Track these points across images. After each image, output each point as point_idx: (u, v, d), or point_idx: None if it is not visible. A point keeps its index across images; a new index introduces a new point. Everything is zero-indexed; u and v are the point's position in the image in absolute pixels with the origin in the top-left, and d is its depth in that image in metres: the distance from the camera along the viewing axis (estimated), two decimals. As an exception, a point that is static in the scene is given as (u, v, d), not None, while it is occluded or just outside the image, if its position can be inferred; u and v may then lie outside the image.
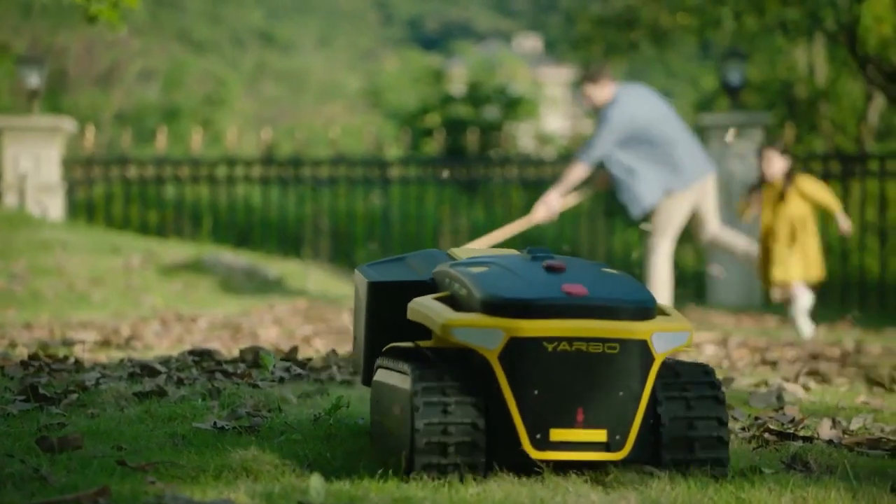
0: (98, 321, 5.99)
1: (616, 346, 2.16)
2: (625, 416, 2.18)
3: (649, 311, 2.21)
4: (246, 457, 2.32)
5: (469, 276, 2.26)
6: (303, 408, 2.98)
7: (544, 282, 2.21)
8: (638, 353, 2.18)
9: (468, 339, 2.15)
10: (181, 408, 2.88)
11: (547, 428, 2.15)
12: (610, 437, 2.18)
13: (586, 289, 2.19)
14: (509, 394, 2.15)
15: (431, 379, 2.18)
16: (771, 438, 2.68)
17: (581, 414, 2.16)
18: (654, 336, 2.18)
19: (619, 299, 2.19)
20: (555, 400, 2.15)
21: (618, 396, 2.17)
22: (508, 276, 2.24)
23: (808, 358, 4.89)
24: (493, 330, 2.14)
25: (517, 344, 2.14)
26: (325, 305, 7.43)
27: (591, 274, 2.29)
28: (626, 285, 2.27)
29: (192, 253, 9.20)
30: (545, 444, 2.16)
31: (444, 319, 2.17)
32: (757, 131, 9.52)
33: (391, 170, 10.92)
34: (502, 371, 2.15)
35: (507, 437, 2.16)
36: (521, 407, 2.15)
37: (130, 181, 10.86)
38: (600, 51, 13.77)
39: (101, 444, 2.44)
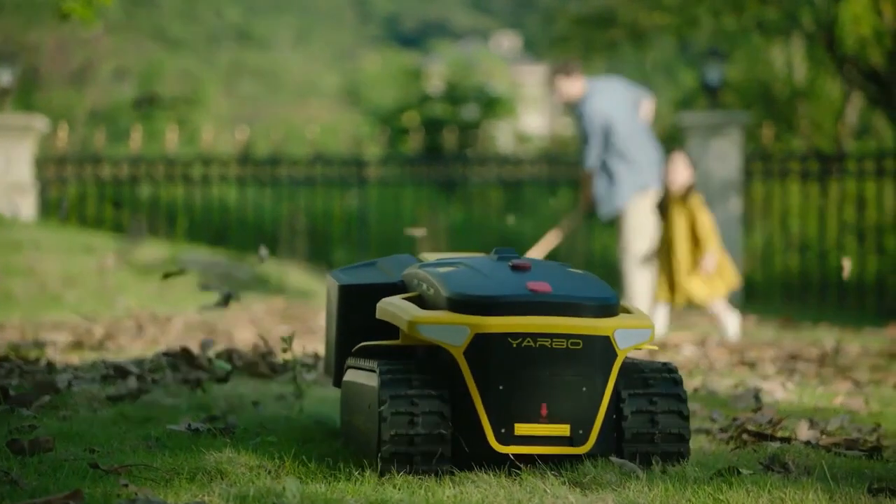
0: (71, 322, 5.95)
1: (579, 342, 2.22)
2: (588, 410, 2.23)
3: (612, 309, 2.27)
4: (220, 459, 2.31)
5: (436, 276, 2.31)
6: (279, 409, 2.97)
7: (510, 280, 2.27)
8: (601, 350, 2.23)
9: (434, 335, 2.20)
10: (155, 410, 2.86)
11: (511, 423, 2.20)
12: (573, 432, 2.23)
13: (550, 286, 2.25)
14: (474, 389, 2.20)
15: (398, 373, 2.22)
16: (749, 439, 2.69)
17: (545, 409, 2.21)
18: (617, 333, 2.24)
19: (583, 297, 2.25)
20: (519, 395, 2.20)
21: (581, 392, 2.23)
22: (474, 275, 2.30)
23: (786, 358, 4.91)
24: (458, 327, 2.19)
25: (482, 340, 2.19)
26: (301, 306, 7.42)
27: (556, 273, 2.35)
28: (589, 284, 2.33)
29: (167, 253, 9.16)
30: (510, 438, 2.20)
31: (411, 316, 2.22)
32: (736, 131, 9.57)
33: (369, 169, 10.91)
34: (468, 367, 2.20)
35: (472, 432, 2.20)
36: (485, 402, 2.20)
37: (104, 180, 10.80)
38: (579, 49, 13.80)
39: (72, 446, 2.43)
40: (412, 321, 2.22)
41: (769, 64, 14.49)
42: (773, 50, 14.17)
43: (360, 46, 41.73)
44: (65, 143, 10.85)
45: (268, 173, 10.77)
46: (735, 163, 9.44)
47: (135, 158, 10.78)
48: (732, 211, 9.38)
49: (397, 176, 10.97)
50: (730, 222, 9.37)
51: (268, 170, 10.77)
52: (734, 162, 9.44)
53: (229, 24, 39.58)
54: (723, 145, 9.47)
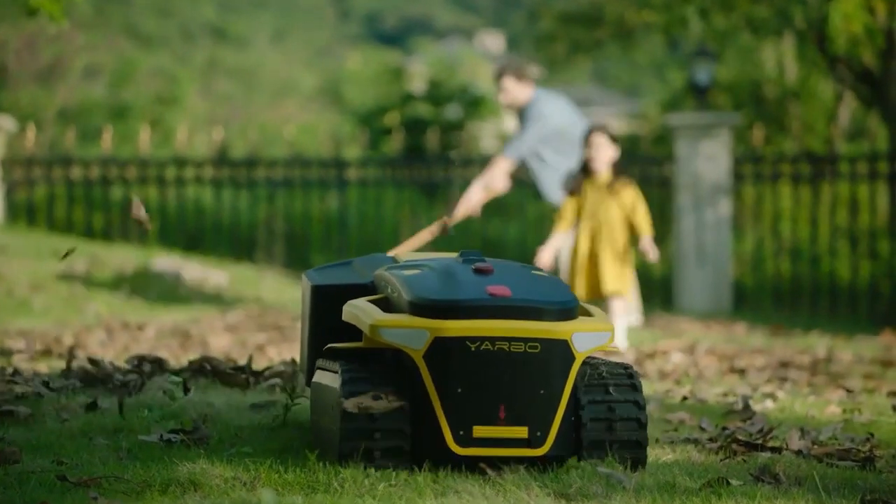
0: (39, 329, 5.92)
1: (537, 345, 2.30)
2: (546, 413, 2.32)
3: (571, 312, 2.36)
4: (194, 470, 2.30)
5: (400, 279, 2.41)
6: (255, 419, 2.97)
7: (470, 283, 2.36)
8: (559, 353, 2.32)
9: (395, 339, 2.30)
10: (126, 419, 2.85)
11: (470, 425, 2.30)
12: (531, 434, 2.32)
13: (510, 290, 2.34)
14: (433, 392, 2.29)
15: (359, 373, 2.33)
16: (739, 449, 2.70)
17: (503, 411, 2.30)
18: (575, 336, 2.33)
19: (542, 300, 2.34)
20: (478, 398, 2.29)
21: (539, 394, 2.31)
22: (437, 278, 2.39)
23: (777, 366, 4.93)
24: (418, 330, 2.29)
25: (441, 343, 2.28)
26: (279, 312, 7.40)
27: (518, 276, 2.44)
28: (550, 287, 2.41)
29: (140, 257, 9.12)
30: (468, 440, 2.30)
31: (373, 320, 2.32)
32: (725, 132, 9.61)
33: (349, 171, 10.89)
34: (427, 370, 2.29)
35: (431, 434, 2.30)
36: (444, 405, 2.29)
37: (74, 182, 10.75)
38: (564, 48, 13.83)
39: (40, 458, 2.41)
40: (373, 325, 2.31)
41: (760, 64, 14.56)
42: (764, 49, 14.23)
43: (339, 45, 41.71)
44: (33, 144, 10.79)
45: (244, 175, 10.75)
46: (725, 165, 9.48)
47: (106, 159, 10.74)
48: (722, 214, 9.41)
49: (378, 178, 10.96)
50: (719, 226, 9.41)
51: (244, 171, 10.75)
52: (724, 164, 9.47)
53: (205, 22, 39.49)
54: (712, 147, 9.51)
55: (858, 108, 13.13)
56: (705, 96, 10.31)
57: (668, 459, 2.63)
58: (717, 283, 9.31)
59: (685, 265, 9.38)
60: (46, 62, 18.42)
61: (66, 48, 18.81)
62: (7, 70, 17.77)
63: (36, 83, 18.46)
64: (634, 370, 2.47)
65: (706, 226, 9.40)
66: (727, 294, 9.33)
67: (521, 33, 32.79)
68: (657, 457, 2.66)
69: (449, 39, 35.99)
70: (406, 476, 2.31)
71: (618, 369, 2.45)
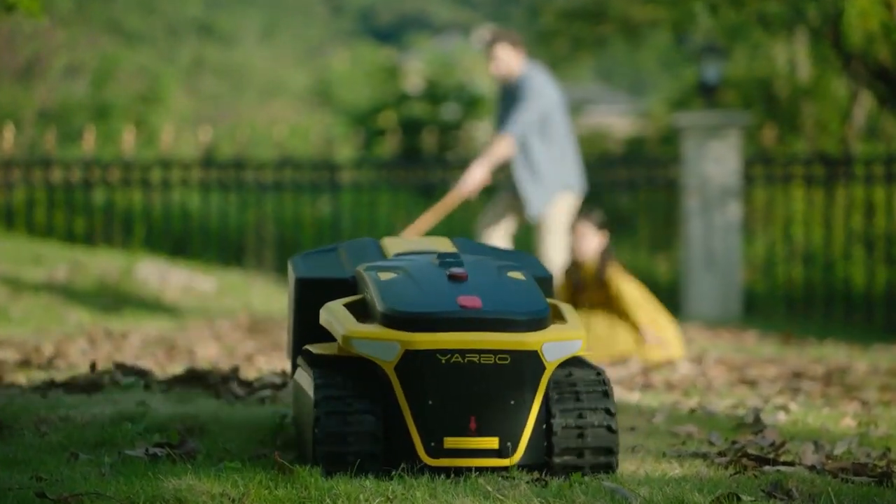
0: (17, 338, 5.91)
1: (507, 357, 2.40)
2: (516, 423, 2.43)
3: (542, 322, 2.46)
4: (180, 487, 2.30)
5: (375, 284, 2.52)
6: (244, 432, 2.96)
7: (442, 294, 2.46)
8: (529, 364, 2.42)
9: (366, 350, 2.41)
10: (109, 433, 2.84)
11: (441, 436, 2.41)
12: (501, 444, 2.43)
13: (481, 301, 2.44)
14: (405, 403, 2.41)
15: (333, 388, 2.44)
16: (749, 464, 2.69)
17: (474, 422, 2.41)
18: (545, 346, 2.43)
19: (512, 311, 2.44)
20: (448, 409, 2.41)
21: (509, 405, 2.42)
22: (410, 286, 2.49)
23: (789, 377, 4.93)
24: (389, 343, 2.40)
25: (412, 356, 2.39)
26: (268, 320, 7.39)
27: (491, 283, 2.53)
28: (522, 295, 2.51)
29: (124, 263, 9.12)
30: (439, 451, 2.42)
31: (346, 331, 2.43)
32: (735, 132, 9.62)
33: (342, 173, 10.89)
34: (398, 382, 2.41)
35: (403, 444, 2.42)
36: (415, 416, 2.41)
37: (54, 185, 10.74)
38: (566, 45, 13.84)
39: (18, 474, 2.41)
40: (346, 335, 2.43)
41: (771, 61, 14.58)
42: (776, 46, 14.25)
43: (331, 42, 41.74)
44: (11, 145, 10.78)
45: (233, 177, 10.75)
46: (734, 166, 9.48)
47: (88, 161, 10.73)
48: (731, 218, 9.42)
49: (372, 180, 10.96)
50: (728, 230, 9.41)
51: (232, 174, 10.75)
52: (733, 166, 9.48)
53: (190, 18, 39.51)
54: (721, 148, 9.52)
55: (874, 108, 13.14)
56: (714, 95, 10.32)
57: (675, 474, 2.63)
58: (726, 289, 9.31)
59: (693, 271, 9.39)
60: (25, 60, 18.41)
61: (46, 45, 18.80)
62: (-16, 68, 17.76)
63: (14, 82, 18.45)
64: (606, 377, 2.57)
65: (715, 230, 9.41)
66: (737, 301, 9.33)
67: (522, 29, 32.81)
68: (664, 471, 2.66)
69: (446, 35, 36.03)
70: (402, 491, 2.31)
71: (590, 375, 2.55)
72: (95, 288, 8.30)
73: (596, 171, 10.26)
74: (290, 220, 11.02)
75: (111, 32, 29.06)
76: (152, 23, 36.22)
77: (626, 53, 16.03)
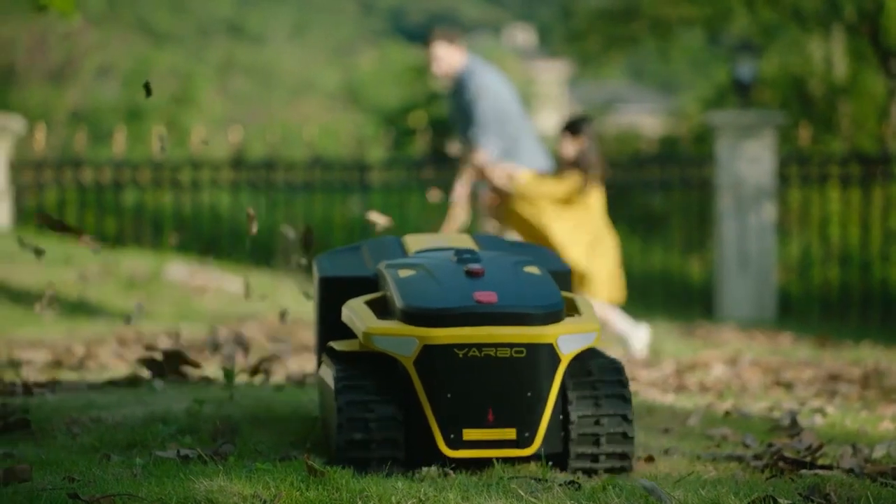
0: (49, 340, 5.96)
1: (523, 350, 2.48)
2: (533, 414, 2.50)
3: (557, 315, 2.53)
4: (211, 488, 2.31)
5: (395, 282, 2.60)
6: (275, 433, 2.97)
7: (459, 289, 2.54)
8: (545, 356, 2.50)
9: (386, 346, 2.49)
10: (141, 434, 2.86)
11: (460, 428, 2.49)
12: (519, 435, 2.50)
13: (497, 296, 2.51)
14: (424, 397, 2.48)
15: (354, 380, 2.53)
16: (786, 467, 2.68)
17: (491, 414, 2.49)
18: (560, 339, 2.50)
19: (527, 305, 2.51)
20: (467, 402, 2.48)
21: (526, 397, 2.49)
22: (428, 283, 2.57)
23: (826, 379, 4.90)
24: (408, 338, 2.47)
25: (430, 351, 2.47)
26: (297, 321, 7.42)
27: (507, 278, 2.59)
28: (538, 289, 2.57)
29: (154, 264, 9.17)
30: (459, 443, 2.49)
31: (366, 327, 2.51)
32: (769, 132, 9.55)
33: (372, 173, 10.91)
34: (417, 376, 2.48)
35: (423, 437, 2.50)
36: (435, 409, 2.48)
37: (85, 186, 10.82)
38: (598, 43, 13.80)
39: (51, 475, 2.42)
40: (366, 332, 2.50)
41: (806, 59, 14.47)
42: (812, 43, 14.14)
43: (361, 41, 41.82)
44: (42, 146, 10.87)
45: (263, 178, 10.78)
46: (769, 166, 9.42)
47: (119, 162, 10.80)
48: (766, 218, 9.36)
49: (403, 180, 10.97)
50: (763, 231, 9.35)
51: (263, 174, 10.79)
52: (768, 165, 9.42)
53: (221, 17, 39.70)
54: (755, 147, 9.46)
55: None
56: (748, 93, 10.26)
57: (710, 477, 2.61)
58: (760, 290, 9.26)
59: (727, 272, 9.33)
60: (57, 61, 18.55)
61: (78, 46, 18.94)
62: (16, 69, 17.91)
63: (46, 83, 18.59)
64: (622, 366, 2.63)
65: (749, 230, 9.35)
66: (772, 302, 9.28)
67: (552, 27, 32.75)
68: (699, 474, 2.64)
69: (476, 34, 36.01)
70: (434, 493, 2.31)
71: (606, 365, 2.61)
72: (125, 288, 8.36)
73: (628, 170, 10.22)
74: (320, 221, 11.05)
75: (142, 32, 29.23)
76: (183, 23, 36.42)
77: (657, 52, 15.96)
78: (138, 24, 30.45)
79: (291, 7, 44.96)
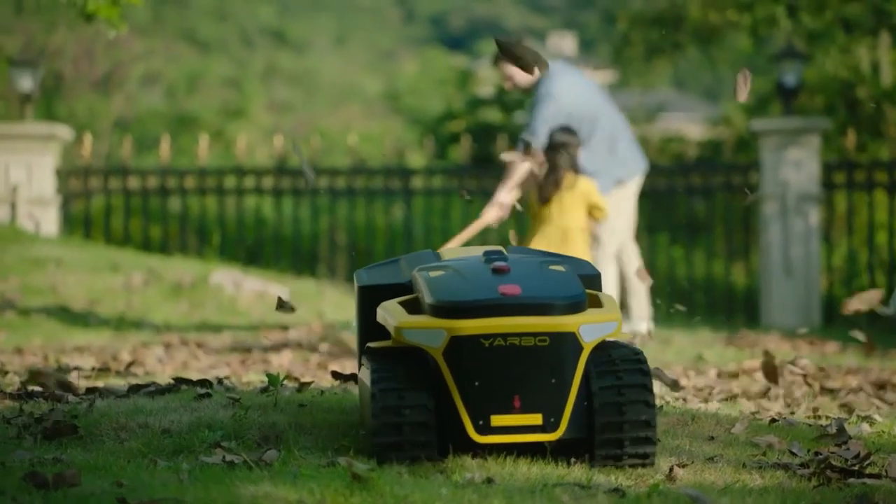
0: (96, 346, 6.02)
1: (546, 339, 2.60)
2: (558, 400, 2.62)
3: (579, 305, 2.65)
4: (257, 493, 2.32)
5: (425, 281, 2.73)
6: (320, 439, 2.98)
7: (485, 283, 2.66)
8: (567, 344, 2.62)
9: (416, 339, 2.62)
10: (187, 440, 2.88)
11: (488, 415, 2.61)
12: (545, 420, 2.62)
13: (521, 288, 2.64)
14: (453, 386, 2.61)
15: (388, 371, 2.66)
16: (833, 476, 2.65)
17: (518, 401, 2.60)
18: (582, 328, 2.62)
19: (549, 296, 2.63)
20: (494, 390, 2.61)
21: (550, 383, 2.61)
22: (456, 279, 2.70)
23: (873, 387, 4.85)
24: (436, 330, 2.61)
25: (458, 342, 2.60)
26: (341, 328, 7.44)
27: (532, 272, 2.73)
28: (560, 282, 2.71)
29: (199, 271, 9.24)
30: (487, 429, 2.61)
31: (397, 322, 2.65)
32: (814, 138, 9.47)
33: (414, 179, 10.93)
34: (446, 366, 2.61)
35: (454, 424, 2.62)
36: (464, 397, 2.61)
37: (131, 193, 10.92)
38: (641, 51, 13.75)
39: (99, 480, 2.45)
40: (398, 327, 2.64)
41: (853, 64, 14.34)
42: (859, 49, 14.02)
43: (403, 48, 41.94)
44: (89, 154, 10.99)
45: (306, 184, 10.83)
46: (813, 172, 9.35)
47: (164, 169, 10.89)
48: (811, 225, 9.28)
49: (445, 187, 10.98)
50: (808, 237, 9.28)
51: (306, 181, 10.84)
52: (812, 171, 9.35)
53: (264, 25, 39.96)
54: (800, 153, 9.39)
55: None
56: (793, 99, 10.17)
57: (756, 485, 2.59)
58: (805, 297, 9.17)
59: (771, 278, 9.26)
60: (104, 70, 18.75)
61: (124, 55, 19.13)
62: (64, 78, 18.13)
63: (93, 92, 18.79)
64: (643, 355, 2.72)
65: (794, 237, 9.28)
66: (817, 310, 9.19)
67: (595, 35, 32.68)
68: (745, 482, 2.63)
69: (519, 42, 35.92)
70: (478, 499, 2.31)
71: (628, 355, 2.72)
72: (171, 295, 8.43)
73: (671, 176, 10.17)
74: (363, 227, 11.08)
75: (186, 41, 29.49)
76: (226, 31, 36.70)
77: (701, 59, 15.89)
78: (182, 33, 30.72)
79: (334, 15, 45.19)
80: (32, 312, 7.45)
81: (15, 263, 8.73)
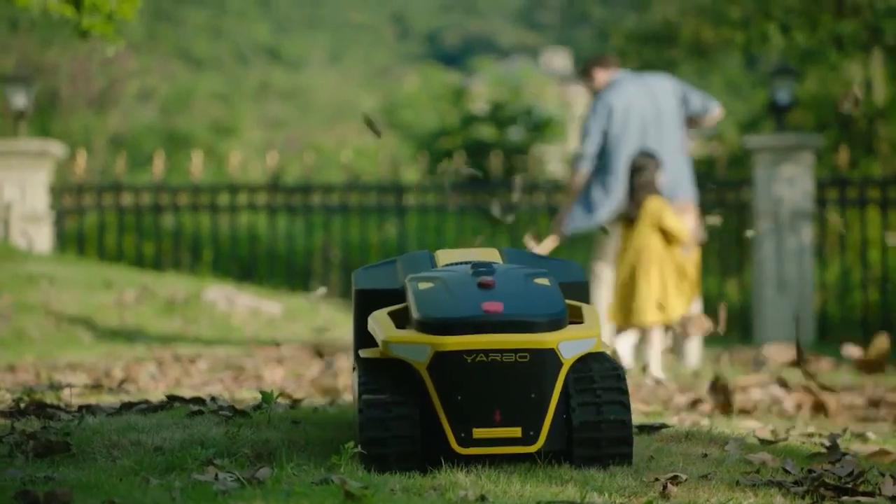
0: (88, 363, 6.00)
1: (526, 355, 2.69)
2: (537, 414, 2.71)
3: (559, 322, 2.73)
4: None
5: (414, 293, 2.81)
6: (314, 457, 2.97)
7: (469, 300, 2.75)
8: (547, 360, 2.71)
9: (402, 353, 2.72)
10: (179, 458, 2.87)
11: (470, 427, 2.71)
12: (524, 433, 2.71)
13: (503, 305, 2.72)
14: (436, 399, 2.71)
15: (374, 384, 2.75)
16: (827, 494, 2.65)
17: (498, 414, 2.70)
18: (561, 345, 2.71)
19: (530, 314, 2.72)
20: (476, 403, 2.71)
21: (530, 398, 2.70)
22: (442, 294, 2.78)
23: (867, 405, 4.84)
24: (421, 346, 2.70)
25: (442, 357, 2.69)
26: (335, 344, 7.43)
27: (516, 289, 2.80)
28: (542, 298, 2.78)
29: (192, 287, 9.23)
30: (469, 441, 2.72)
31: (385, 336, 2.74)
32: (807, 155, 9.49)
33: (408, 196, 10.94)
34: (431, 380, 2.71)
35: (437, 436, 2.72)
36: (446, 410, 2.71)
37: (125, 210, 10.92)
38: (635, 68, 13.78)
39: (91, 498, 2.44)
40: (385, 340, 2.74)
41: (845, 81, 14.39)
42: (850, 67, 14.07)
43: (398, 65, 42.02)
44: (83, 171, 10.98)
45: (299, 201, 10.84)
46: (806, 189, 9.36)
47: (158, 186, 10.89)
48: (804, 241, 9.30)
49: (439, 203, 10.99)
50: (801, 253, 9.29)
51: (299, 197, 10.84)
52: (806, 188, 9.36)
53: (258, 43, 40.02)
54: (793, 170, 9.40)
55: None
56: (785, 116, 10.20)
57: (750, 503, 2.59)
58: (799, 314, 9.18)
59: (764, 295, 9.27)
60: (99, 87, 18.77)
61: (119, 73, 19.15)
62: (60, 96, 18.14)
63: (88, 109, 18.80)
64: (622, 371, 2.79)
65: (787, 253, 9.29)
66: (810, 326, 9.20)
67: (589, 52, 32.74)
68: (738, 500, 2.62)
69: (513, 58, 36.08)
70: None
71: (607, 371, 2.79)
72: (164, 311, 8.41)
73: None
74: (357, 244, 11.08)
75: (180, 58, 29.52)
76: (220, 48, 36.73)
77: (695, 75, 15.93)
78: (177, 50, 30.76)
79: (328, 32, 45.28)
80: (25, 329, 7.44)
81: (8, 280, 8.71)
